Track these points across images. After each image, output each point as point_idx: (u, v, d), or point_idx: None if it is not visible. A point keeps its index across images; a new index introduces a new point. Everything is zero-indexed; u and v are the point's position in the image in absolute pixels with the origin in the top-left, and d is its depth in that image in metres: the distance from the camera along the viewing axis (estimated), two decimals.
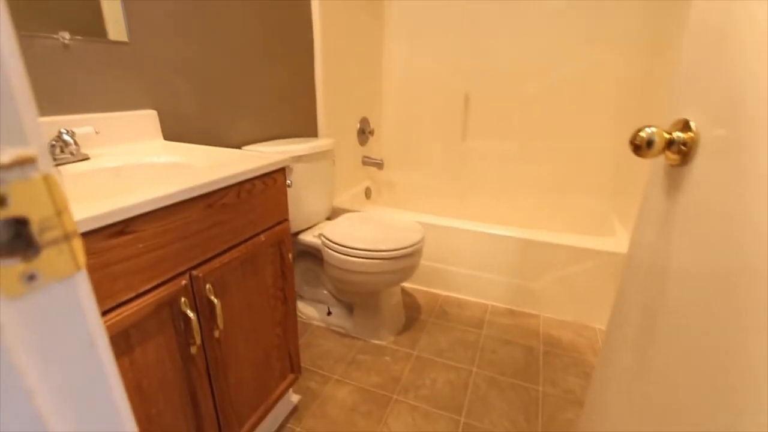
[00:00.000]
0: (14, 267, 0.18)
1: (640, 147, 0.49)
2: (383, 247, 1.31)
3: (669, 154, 0.50)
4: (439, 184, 2.44)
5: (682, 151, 0.49)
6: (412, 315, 1.71)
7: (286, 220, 0.95)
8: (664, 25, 1.64)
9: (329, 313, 1.64)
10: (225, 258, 0.77)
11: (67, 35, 0.85)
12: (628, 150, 1.83)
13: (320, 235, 1.45)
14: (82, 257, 0.21)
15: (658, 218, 0.53)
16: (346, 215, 1.60)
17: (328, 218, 1.76)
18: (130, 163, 0.83)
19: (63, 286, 0.20)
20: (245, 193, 0.80)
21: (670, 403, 0.48)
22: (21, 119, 0.18)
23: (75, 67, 0.88)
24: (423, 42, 2.21)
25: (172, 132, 1.14)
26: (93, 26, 0.91)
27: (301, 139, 1.61)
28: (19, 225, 0.19)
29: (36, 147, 0.19)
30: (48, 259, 0.19)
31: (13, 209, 0.18)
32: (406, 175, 2.52)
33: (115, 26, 0.97)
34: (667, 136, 0.49)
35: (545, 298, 1.70)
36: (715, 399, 0.39)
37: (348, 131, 2.09)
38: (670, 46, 1.54)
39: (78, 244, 0.21)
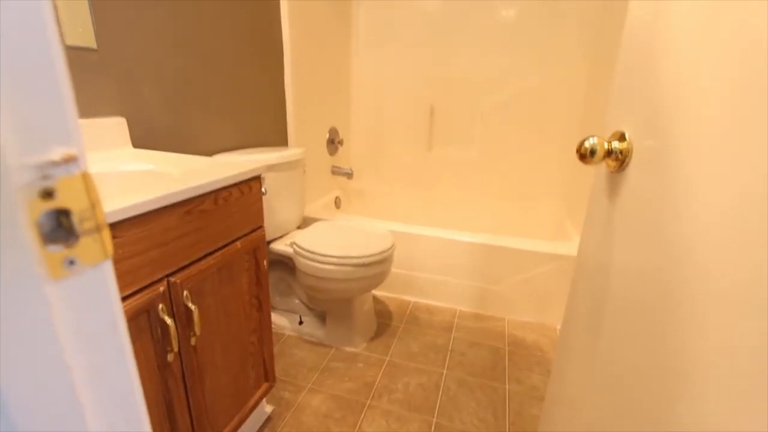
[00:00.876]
0: (58, 253, 0.21)
1: (585, 155, 0.57)
2: (355, 254, 1.35)
3: (609, 161, 0.58)
4: (407, 193, 2.52)
5: (619, 158, 0.57)
6: (384, 322, 1.74)
7: (261, 227, 0.97)
8: (605, 43, 1.81)
9: (301, 323, 1.64)
10: (202, 265, 0.77)
11: None
12: (577, 158, 1.99)
13: (292, 244, 1.46)
14: (110, 246, 0.24)
15: (602, 219, 0.61)
16: (317, 223, 1.62)
17: (299, 227, 1.77)
18: (103, 171, 0.82)
19: (95, 271, 0.23)
20: (222, 200, 0.81)
21: (616, 390, 0.54)
22: (67, 121, 0.21)
23: None
24: (389, 55, 2.30)
25: (141, 140, 1.13)
26: None
27: (272, 148, 1.63)
28: (61, 215, 0.21)
29: (77, 146, 0.22)
30: (85, 247, 0.22)
31: (59, 201, 0.21)
32: (374, 185, 2.57)
33: (83, 33, 0.96)
34: (607, 146, 0.57)
35: (509, 301, 1.79)
36: (654, 383, 0.46)
37: (317, 141, 2.13)
38: (611, 62, 1.70)
39: (107, 234, 0.23)
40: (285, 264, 1.64)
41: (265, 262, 0.99)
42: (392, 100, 2.38)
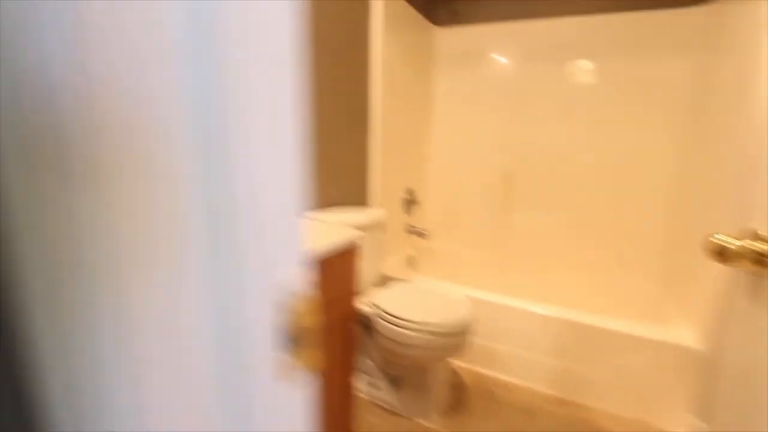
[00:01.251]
0: (287, 358, 0.25)
1: (722, 255, 0.53)
2: (435, 321, 1.33)
3: (748, 263, 0.54)
4: (482, 256, 2.47)
5: (763, 261, 0.52)
6: (458, 395, 1.65)
7: (355, 291, 1.01)
8: (697, 111, 1.71)
9: (373, 385, 1.61)
10: None
11: None
12: (678, 232, 1.82)
13: (373, 305, 1.49)
14: (320, 354, 0.28)
15: (749, 322, 0.55)
16: (397, 284, 1.64)
17: (375, 285, 1.81)
18: None
19: (305, 376, 0.27)
20: (328, 265, 0.88)
21: None
22: (302, 246, 0.26)
23: None
24: (467, 118, 2.39)
25: None
26: None
27: (353, 207, 1.73)
28: (293, 326, 0.25)
29: (304, 265, 0.26)
30: (302, 354, 0.26)
31: (293, 314, 0.25)
32: (448, 246, 2.57)
33: None
34: (745, 245, 0.53)
35: (598, 389, 1.60)
36: None
37: (394, 200, 2.22)
38: (706, 131, 1.59)
39: (318, 341, 0.27)
40: (361, 323, 1.66)
41: (356, 327, 1.02)
42: (469, 162, 2.43)
